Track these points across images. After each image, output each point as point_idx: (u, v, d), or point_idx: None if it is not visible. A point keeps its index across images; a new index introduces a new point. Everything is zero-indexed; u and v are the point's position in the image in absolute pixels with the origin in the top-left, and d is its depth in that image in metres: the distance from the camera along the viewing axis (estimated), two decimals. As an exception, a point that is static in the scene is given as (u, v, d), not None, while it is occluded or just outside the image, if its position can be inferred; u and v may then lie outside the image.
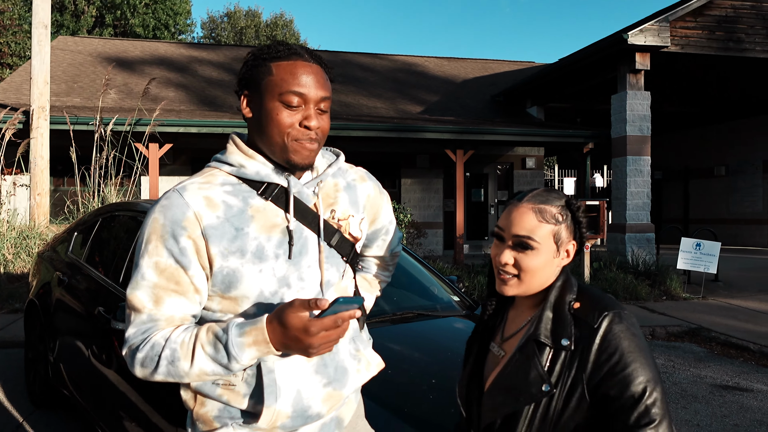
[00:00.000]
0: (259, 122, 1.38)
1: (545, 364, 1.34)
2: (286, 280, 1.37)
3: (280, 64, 1.36)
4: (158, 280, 1.31)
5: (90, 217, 4.27)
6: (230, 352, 1.24)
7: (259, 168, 1.39)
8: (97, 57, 15.63)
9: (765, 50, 11.53)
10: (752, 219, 17.43)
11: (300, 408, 1.39)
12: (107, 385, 3.01)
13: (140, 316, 1.31)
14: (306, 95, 1.35)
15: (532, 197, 1.41)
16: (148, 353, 1.29)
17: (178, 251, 1.30)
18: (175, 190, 1.35)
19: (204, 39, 37.32)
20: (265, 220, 1.37)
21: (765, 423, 4.37)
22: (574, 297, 1.40)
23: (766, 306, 8.59)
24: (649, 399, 1.27)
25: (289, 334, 1.23)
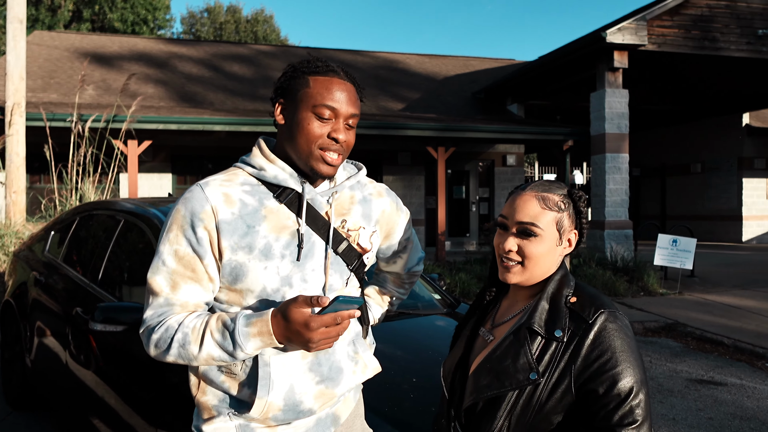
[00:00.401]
0: (290, 129, 1.48)
1: (535, 353, 1.35)
2: (289, 279, 1.46)
3: (318, 79, 1.47)
4: (176, 267, 1.42)
5: (67, 216, 4.23)
6: (236, 340, 1.34)
7: (278, 172, 1.49)
8: (74, 52, 15.42)
9: (739, 49, 11.71)
10: (727, 215, 17.72)
11: (291, 402, 1.46)
12: (85, 386, 2.98)
13: (158, 299, 1.42)
14: (338, 110, 1.46)
15: (534, 186, 1.44)
16: (162, 335, 1.39)
17: (195, 241, 1.41)
18: (198, 184, 1.47)
19: (183, 35, 36.97)
20: (277, 221, 1.46)
21: (738, 416, 4.46)
22: (571, 291, 1.41)
23: (741, 301, 8.74)
24: (634, 400, 1.28)
25: (291, 327, 1.32)
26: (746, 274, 11.04)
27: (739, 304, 8.49)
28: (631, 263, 10.19)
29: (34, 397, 4.09)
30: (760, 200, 17.53)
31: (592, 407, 1.30)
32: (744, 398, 4.86)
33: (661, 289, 9.58)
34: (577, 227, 1.45)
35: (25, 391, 4.10)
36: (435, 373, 2.59)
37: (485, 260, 11.03)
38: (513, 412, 1.35)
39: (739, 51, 11.71)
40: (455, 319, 3.29)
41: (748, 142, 17.40)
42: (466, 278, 9.02)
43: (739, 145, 17.47)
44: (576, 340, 1.34)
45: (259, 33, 36.00)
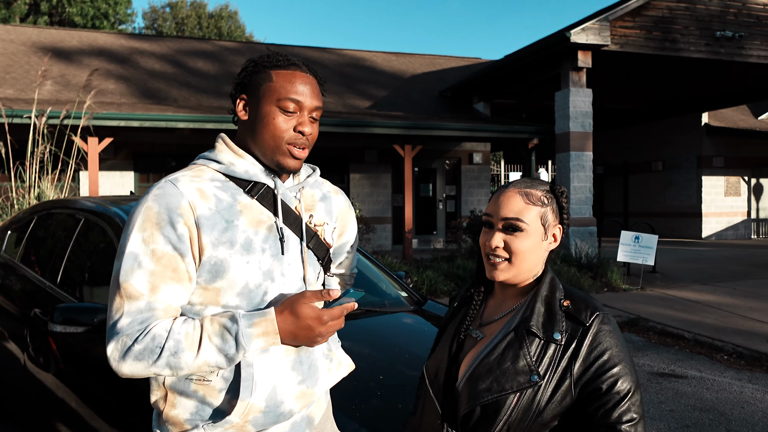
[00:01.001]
0: (254, 125, 1.45)
1: (534, 355, 1.36)
2: (271, 274, 1.44)
3: (280, 72, 1.45)
4: (155, 267, 1.33)
5: (25, 215, 4.11)
6: (239, 342, 1.31)
7: (248, 167, 1.46)
8: (31, 46, 15.01)
9: (699, 50, 12.00)
10: (687, 212, 18.16)
11: (273, 404, 1.43)
12: (45, 389, 2.91)
13: (136, 303, 1.31)
14: (302, 103, 1.45)
15: (517, 183, 1.46)
16: (148, 345, 1.29)
17: (176, 238, 1.35)
18: (168, 180, 1.40)
19: (146, 30, 36.31)
20: (252, 216, 1.44)
21: (698, 408, 4.57)
22: (563, 295, 1.43)
23: (701, 296, 8.96)
24: (632, 398, 1.32)
25: (301, 323, 1.33)
26: (706, 270, 11.32)
27: (699, 299, 8.70)
28: (595, 260, 10.36)
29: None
30: (719, 197, 18.01)
31: (591, 406, 1.32)
32: (704, 390, 4.98)
33: (624, 284, 9.76)
34: (561, 222, 1.47)
35: (-19, 395, 3.97)
36: (402, 371, 2.59)
37: (452, 258, 11.09)
38: (513, 416, 1.34)
39: (698, 52, 12.00)
40: (422, 317, 3.30)
41: (707, 141, 17.85)
42: (433, 276, 9.05)
43: (698, 144, 17.91)
44: (575, 342, 1.36)
45: (223, 29, 35.58)
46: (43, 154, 8.77)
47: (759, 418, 4.38)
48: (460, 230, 12.59)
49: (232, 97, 1.52)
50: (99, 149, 10.67)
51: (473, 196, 15.58)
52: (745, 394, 4.91)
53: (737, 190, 18.30)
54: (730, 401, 4.73)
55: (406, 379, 2.50)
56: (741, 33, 12.14)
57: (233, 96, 1.51)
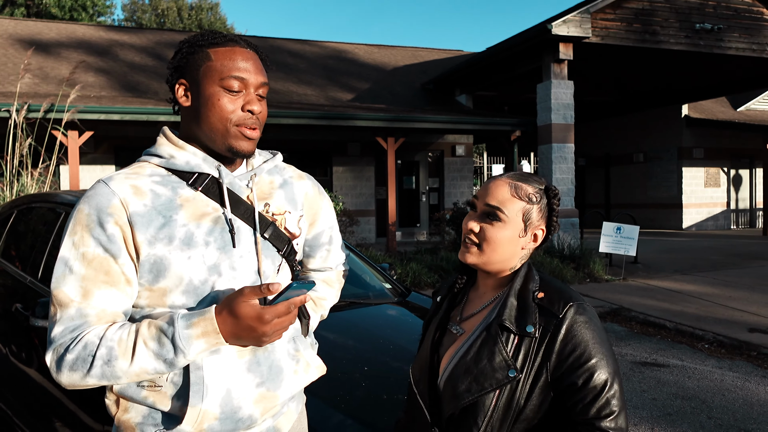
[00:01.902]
0: (197, 110, 1.36)
1: (510, 350, 1.33)
2: (217, 268, 1.33)
3: (219, 50, 1.35)
4: (86, 272, 1.25)
5: (4, 210, 4.05)
6: (177, 346, 1.20)
7: (189, 158, 1.37)
8: (8, 39, 14.77)
9: (678, 42, 12.10)
10: (668, 203, 18.36)
11: (229, 409, 1.33)
12: (28, 384, 2.88)
13: (67, 311, 1.24)
14: (247, 80, 1.35)
15: (512, 174, 1.43)
16: (80, 354, 1.21)
17: (106, 239, 1.26)
18: (101, 180, 1.32)
19: (125, 22, 35.87)
20: (195, 209, 1.34)
21: (680, 396, 4.63)
22: (537, 286, 1.40)
23: (682, 286, 9.08)
24: (609, 391, 1.29)
25: (241, 323, 1.20)
26: (686, 260, 11.47)
27: (680, 289, 8.82)
28: (578, 251, 10.44)
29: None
30: (699, 189, 18.22)
31: (569, 401, 1.30)
32: (685, 379, 5.05)
33: (606, 275, 9.86)
34: (547, 225, 1.43)
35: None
36: (386, 362, 2.60)
37: (436, 250, 11.12)
38: (495, 415, 1.32)
39: (678, 44, 12.11)
40: (406, 308, 3.31)
41: (687, 133, 18.04)
42: (417, 268, 9.07)
43: (678, 135, 18.10)
44: (549, 335, 1.32)
45: (204, 21, 35.25)
46: (18, 148, 8.64)
47: (739, 405, 4.45)
48: (443, 222, 12.63)
49: (169, 83, 1.41)
50: (79, 143, 10.54)
51: (456, 188, 15.63)
52: (726, 381, 4.98)
53: (717, 181, 18.53)
54: (711, 389, 4.80)
55: (391, 370, 2.51)
56: (720, 25, 12.27)
57: (170, 82, 1.40)
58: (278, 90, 14.39)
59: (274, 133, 12.64)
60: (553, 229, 1.44)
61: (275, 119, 11.47)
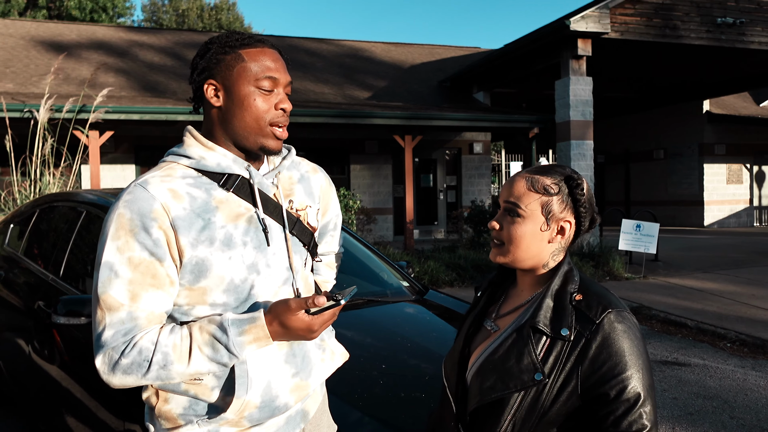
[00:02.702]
0: (230, 110, 1.39)
1: (540, 353, 1.30)
2: (255, 266, 1.39)
3: (250, 51, 1.39)
4: (133, 276, 1.28)
5: (27, 209, 4.11)
6: (231, 351, 1.28)
7: (220, 159, 1.40)
8: (30, 40, 14.97)
9: (699, 37, 11.94)
10: (689, 200, 18.13)
11: (268, 398, 1.39)
12: (49, 380, 2.92)
13: (117, 314, 1.27)
14: (278, 79, 1.40)
15: (531, 168, 1.41)
16: (135, 359, 1.26)
17: (152, 243, 1.29)
18: (137, 184, 1.34)
19: (145, 22, 36.19)
20: (230, 210, 1.38)
21: (701, 395, 4.58)
22: (576, 288, 1.35)
23: (703, 284, 8.97)
24: (643, 406, 1.25)
25: (291, 333, 1.30)
26: (708, 258, 11.32)
27: (702, 287, 8.71)
28: (597, 248, 10.35)
29: (-4, 395, 3.99)
30: (721, 185, 17.97)
31: (599, 412, 1.26)
32: (707, 378, 4.99)
33: (626, 273, 9.76)
34: (575, 215, 1.38)
35: (-15, 388, 3.99)
36: (404, 360, 2.60)
37: (454, 248, 11.09)
38: (518, 415, 1.30)
39: (699, 39, 11.94)
40: (424, 306, 3.30)
41: (708, 129, 17.80)
42: (434, 266, 9.06)
43: (700, 131, 17.86)
44: (583, 341, 1.28)
45: (223, 21, 35.45)
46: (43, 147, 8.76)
47: (763, 405, 4.39)
48: (461, 220, 12.58)
49: (194, 83, 1.43)
50: (100, 142, 10.66)
51: (474, 186, 15.57)
52: (749, 381, 4.92)
53: (739, 178, 18.27)
54: (734, 389, 4.74)
55: (408, 368, 2.51)
56: (742, 19, 12.08)
57: (197, 82, 1.42)
58: (296, 89, 14.44)
59: (292, 132, 12.65)
60: (583, 220, 1.39)
61: (293, 118, 11.50)
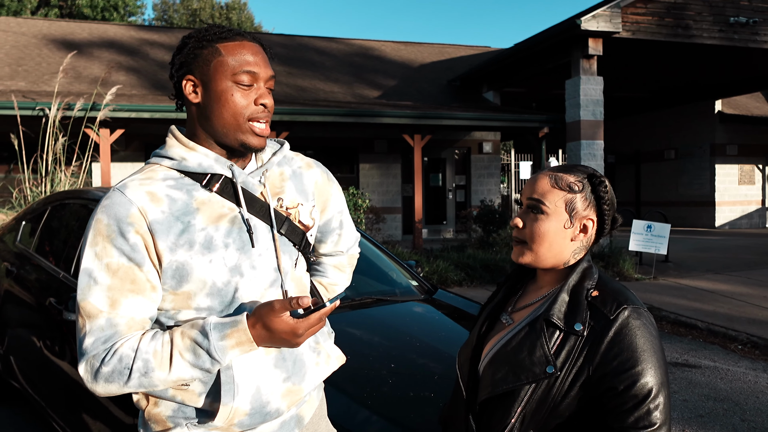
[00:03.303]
0: (208, 106, 1.35)
1: (552, 347, 1.30)
2: (239, 269, 1.34)
3: (228, 45, 1.34)
4: (112, 282, 1.26)
5: (39, 206, 4.14)
6: (213, 357, 1.24)
7: (201, 159, 1.36)
8: (42, 39, 15.07)
9: (712, 36, 11.85)
10: (700, 201, 18.01)
11: (258, 405, 1.35)
12: (60, 377, 2.94)
13: (97, 321, 1.25)
14: (258, 74, 1.35)
15: (554, 167, 1.42)
16: (116, 367, 1.24)
17: (129, 248, 1.27)
18: (116, 189, 1.31)
19: (156, 21, 36.35)
20: (211, 211, 1.34)
21: (712, 397, 4.54)
22: (593, 284, 1.36)
23: (714, 285, 8.90)
24: (653, 402, 1.24)
25: (275, 336, 1.25)
26: (719, 259, 11.24)
27: (713, 288, 8.65)
28: (607, 249, 10.30)
29: (8, 390, 4.02)
30: (732, 186, 17.84)
31: (607, 405, 1.26)
32: (717, 380, 4.96)
33: (636, 274, 9.71)
34: (598, 214, 1.39)
35: (-3, 384, 4.03)
36: (413, 359, 2.59)
37: (463, 247, 11.08)
38: (528, 407, 1.30)
39: (712, 38, 11.85)
40: (433, 306, 3.30)
41: (720, 129, 17.67)
42: (443, 265, 9.05)
43: (711, 131, 17.74)
44: (596, 336, 1.28)
45: (234, 20, 35.55)
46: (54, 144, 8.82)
47: (773, 406, 4.35)
48: (470, 220, 12.56)
49: (173, 80, 1.39)
50: (111, 140, 10.72)
51: (483, 185, 15.53)
52: (760, 383, 4.88)
53: (751, 179, 18.12)
54: (745, 391, 4.70)
55: (417, 367, 2.51)
56: (755, 19, 11.98)
57: (176, 78, 1.38)
58: (305, 87, 14.46)
59: (301, 130, 12.70)
60: (606, 219, 1.39)
61: (302, 116, 11.53)
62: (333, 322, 1.75)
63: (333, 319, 1.86)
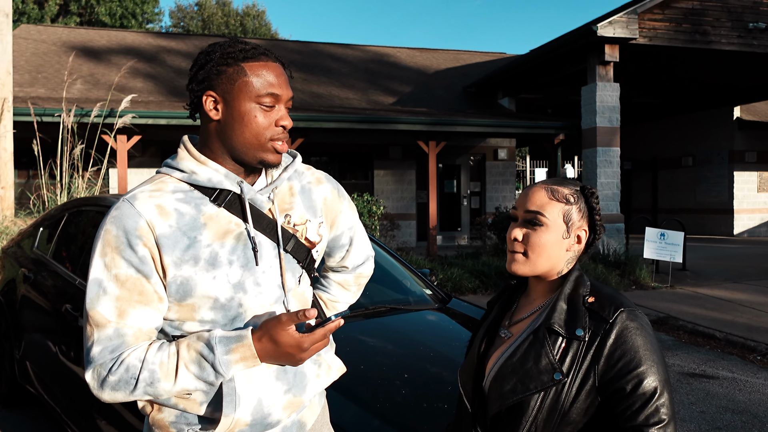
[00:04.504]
0: (228, 124, 1.35)
1: (557, 354, 1.34)
2: (242, 285, 1.35)
3: (252, 65, 1.35)
4: (120, 292, 1.28)
5: (56, 212, 4.18)
6: (218, 370, 1.27)
7: (211, 175, 1.37)
8: (61, 46, 15.27)
9: (730, 42, 11.74)
10: (719, 208, 17.81)
11: (260, 416, 1.37)
12: (76, 382, 2.95)
13: (105, 330, 1.27)
14: (280, 96, 1.36)
15: (547, 180, 1.46)
16: (122, 376, 1.26)
17: (137, 260, 1.28)
18: (125, 200, 1.32)
19: (173, 28, 36.71)
20: (218, 227, 1.35)
21: (730, 409, 4.47)
22: (588, 291, 1.41)
23: (732, 294, 8.79)
24: (660, 399, 1.28)
25: (280, 350, 1.27)
26: (738, 268, 11.10)
27: (731, 298, 8.53)
28: (623, 257, 10.21)
29: (24, 395, 4.06)
30: (751, 193, 17.62)
31: (617, 407, 1.29)
32: (736, 391, 4.88)
33: (652, 282, 9.61)
34: (590, 225, 1.44)
35: (13, 389, 4.06)
36: (426, 369, 2.58)
37: (477, 254, 11.03)
38: (539, 416, 1.33)
39: (730, 44, 11.74)
40: (447, 315, 3.28)
41: (739, 136, 17.47)
42: (458, 273, 9.01)
43: (730, 138, 17.55)
44: (598, 339, 1.33)
45: (248, 26, 35.80)
46: (72, 152, 8.91)
47: (793, 419, 4.28)
48: (484, 227, 12.51)
49: (193, 93, 1.38)
50: (128, 147, 10.82)
51: (498, 192, 15.47)
52: (779, 394, 4.80)
53: (770, 186, 17.89)
54: (764, 403, 4.62)
55: (431, 376, 2.49)
56: (774, 25, 11.85)
57: (195, 92, 1.37)
58: (320, 94, 14.50)
59: (316, 137, 12.73)
60: (597, 230, 1.45)
61: (317, 123, 11.57)
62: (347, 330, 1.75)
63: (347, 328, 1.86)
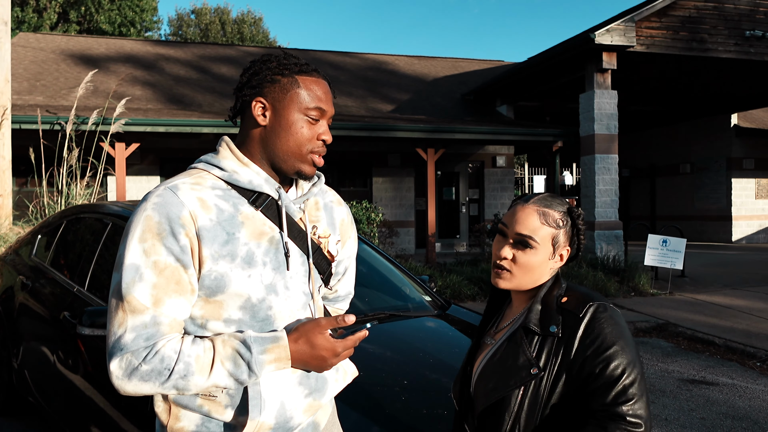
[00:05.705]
0: (274, 131, 1.40)
1: (533, 350, 1.43)
2: (274, 287, 1.38)
3: (306, 79, 1.42)
4: (158, 280, 1.27)
5: (54, 219, 4.17)
6: (252, 369, 1.29)
7: (252, 177, 1.40)
8: (60, 54, 15.29)
9: (727, 50, 11.78)
10: (717, 215, 17.83)
11: (283, 420, 1.40)
12: (74, 391, 2.94)
13: (141, 317, 1.25)
14: (326, 111, 1.43)
15: (537, 200, 1.52)
16: (156, 366, 1.24)
17: (179, 249, 1.28)
18: (167, 188, 1.33)
19: (171, 36, 36.78)
20: (254, 228, 1.38)
21: (730, 416, 4.46)
22: (562, 293, 1.50)
23: (731, 301, 8.78)
24: (627, 379, 1.35)
25: (315, 353, 1.32)
26: (736, 274, 11.10)
27: (730, 304, 8.53)
28: (622, 264, 10.21)
29: (21, 403, 4.03)
30: (749, 200, 17.65)
31: (587, 390, 1.37)
32: (736, 398, 4.87)
33: (651, 289, 9.61)
34: (572, 244, 1.53)
35: (11, 397, 4.04)
36: (426, 375, 2.57)
37: (476, 261, 11.02)
38: (521, 411, 1.41)
39: (727, 52, 11.79)
40: (446, 321, 3.27)
41: (736, 143, 17.52)
42: (457, 280, 9.00)
43: (727, 145, 17.59)
44: (570, 333, 1.42)
45: (245, 33, 35.87)
46: (69, 161, 8.91)
47: (793, 426, 4.27)
48: (483, 234, 12.51)
49: (241, 97, 1.42)
50: (126, 154, 10.82)
51: (496, 199, 15.49)
52: (779, 401, 4.79)
53: (768, 193, 17.92)
54: (764, 409, 4.61)
55: (430, 383, 2.49)
56: (771, 32, 11.90)
57: (244, 97, 1.42)
58: (319, 102, 14.49)
59: (315, 145, 12.72)
60: (580, 247, 1.54)
61: (316, 131, 11.55)
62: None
63: (346, 335, 1.87)
